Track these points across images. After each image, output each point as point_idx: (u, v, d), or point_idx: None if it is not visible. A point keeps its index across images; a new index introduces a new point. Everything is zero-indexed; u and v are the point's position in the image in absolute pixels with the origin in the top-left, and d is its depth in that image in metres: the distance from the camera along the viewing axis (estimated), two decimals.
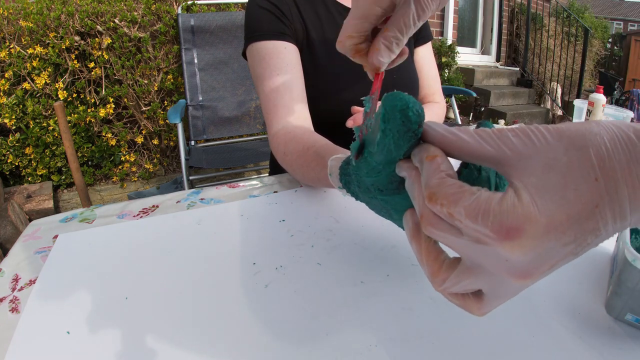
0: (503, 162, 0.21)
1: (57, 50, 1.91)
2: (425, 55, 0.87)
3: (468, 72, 4.12)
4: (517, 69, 4.65)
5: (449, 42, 3.80)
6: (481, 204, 0.20)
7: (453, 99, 2.14)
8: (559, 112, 4.22)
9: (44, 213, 1.80)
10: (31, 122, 1.94)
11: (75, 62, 1.97)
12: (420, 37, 0.85)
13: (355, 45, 0.32)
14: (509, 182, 0.21)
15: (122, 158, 2.21)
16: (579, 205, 0.18)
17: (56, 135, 1.97)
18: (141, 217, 0.54)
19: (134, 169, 2.25)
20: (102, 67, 2.03)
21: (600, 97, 1.15)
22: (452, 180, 0.22)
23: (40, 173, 2.04)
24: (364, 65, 0.32)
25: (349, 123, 0.65)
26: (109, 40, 1.97)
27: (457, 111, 2.16)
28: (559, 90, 4.36)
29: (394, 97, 0.24)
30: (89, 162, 2.20)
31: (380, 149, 0.25)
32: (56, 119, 1.75)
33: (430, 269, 0.23)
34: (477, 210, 0.20)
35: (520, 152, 0.20)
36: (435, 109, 0.84)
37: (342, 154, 0.43)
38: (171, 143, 2.34)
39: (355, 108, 0.67)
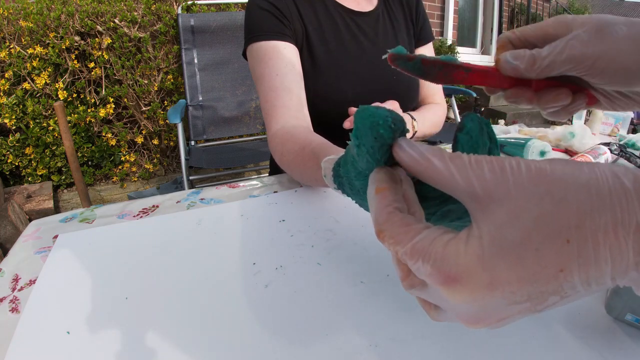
0: (473, 199, 0.18)
1: (57, 50, 1.91)
2: None
3: None
4: None
5: (449, 42, 3.80)
6: (425, 246, 0.18)
7: (453, 99, 2.14)
8: None
9: (44, 213, 1.80)
10: (31, 122, 1.94)
11: (75, 62, 1.97)
12: (421, 38, 0.85)
13: (507, 40, 0.30)
14: (472, 220, 0.19)
15: (122, 158, 2.21)
16: (536, 267, 0.16)
17: (56, 135, 1.97)
18: (141, 217, 0.54)
19: (134, 169, 2.25)
20: (102, 67, 2.03)
21: None
22: (399, 217, 0.20)
23: (40, 173, 2.04)
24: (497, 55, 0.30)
25: (346, 124, 0.65)
26: (109, 40, 1.97)
27: (457, 111, 2.16)
28: None
29: (364, 112, 0.23)
30: (89, 162, 2.20)
31: (360, 159, 0.25)
32: (56, 119, 1.75)
33: (400, 273, 0.22)
34: (420, 252, 0.18)
35: (491, 193, 0.18)
36: (435, 109, 0.84)
37: (336, 154, 0.43)
38: (171, 143, 2.33)
39: (353, 109, 0.67)
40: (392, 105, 0.64)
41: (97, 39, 1.99)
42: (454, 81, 0.28)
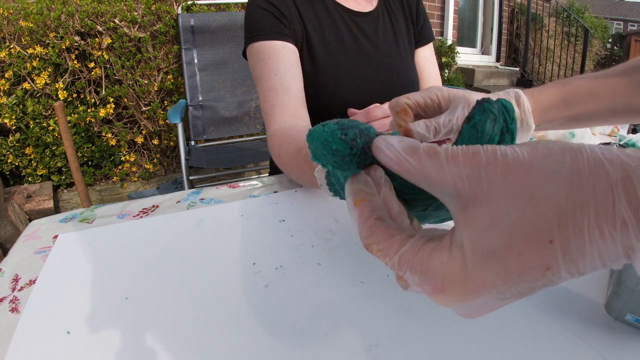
0: (451, 198, 0.18)
1: (57, 50, 1.91)
2: (426, 56, 0.87)
3: (468, 72, 4.12)
4: (517, 69, 4.65)
5: (449, 42, 3.80)
6: (410, 257, 0.18)
7: None
8: None
9: (44, 213, 1.79)
10: (31, 122, 1.94)
11: (75, 62, 1.97)
12: (421, 38, 0.85)
13: (406, 105, 0.38)
14: (454, 222, 0.18)
15: (122, 158, 2.21)
16: (521, 270, 0.16)
17: (56, 135, 1.97)
18: (141, 217, 0.54)
19: (134, 169, 2.25)
20: (102, 67, 2.03)
21: None
22: (382, 228, 0.20)
23: (40, 173, 2.04)
24: (394, 120, 0.38)
25: None
26: (109, 40, 1.97)
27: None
28: None
29: (312, 135, 0.22)
30: (89, 162, 2.20)
31: (334, 173, 0.25)
32: (56, 119, 1.75)
33: (396, 274, 0.22)
34: (407, 263, 0.18)
35: (468, 194, 0.17)
36: None
37: None
38: (171, 143, 2.33)
39: (352, 110, 0.67)
40: None
41: (97, 39, 1.99)
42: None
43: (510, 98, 0.44)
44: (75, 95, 2.04)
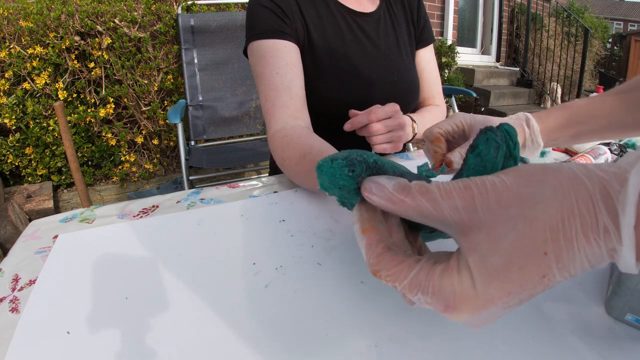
0: (451, 228, 0.20)
1: (57, 50, 1.91)
2: (426, 58, 0.87)
3: (468, 72, 4.12)
4: (517, 69, 4.65)
5: (449, 42, 3.80)
6: (420, 280, 0.20)
7: (453, 99, 2.13)
8: None
9: (44, 213, 1.79)
10: (31, 122, 1.94)
11: (75, 62, 1.97)
12: (422, 40, 0.85)
13: (439, 134, 0.46)
14: (459, 246, 0.20)
15: (122, 158, 2.21)
16: (522, 281, 0.18)
17: (56, 135, 1.97)
18: (141, 217, 0.54)
19: (134, 169, 2.25)
20: (102, 67, 2.03)
21: None
22: (389, 255, 0.21)
23: (40, 173, 2.04)
24: (430, 147, 0.46)
25: (347, 127, 0.65)
26: (109, 40, 1.97)
27: (457, 111, 2.16)
28: (559, 91, 4.36)
29: (321, 170, 0.23)
30: (89, 162, 2.20)
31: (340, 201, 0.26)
32: (56, 119, 1.75)
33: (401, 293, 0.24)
34: (418, 286, 0.20)
35: (466, 221, 0.19)
36: (434, 112, 0.84)
37: None
38: (171, 143, 2.33)
39: (353, 111, 0.66)
40: (392, 107, 0.64)
41: (97, 39, 1.99)
42: None
43: (521, 121, 0.50)
44: (75, 95, 2.04)
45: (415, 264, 0.20)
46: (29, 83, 1.91)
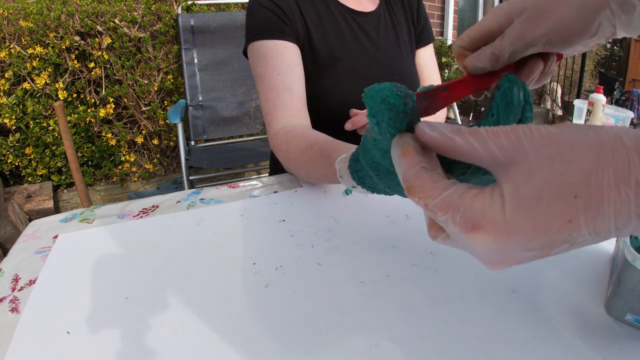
0: (495, 164, 0.21)
1: (57, 50, 1.91)
2: (426, 57, 0.87)
3: None
4: None
5: (449, 42, 3.80)
6: (454, 199, 0.21)
7: None
8: (559, 112, 4.21)
9: (44, 213, 1.79)
10: (31, 122, 1.94)
11: (75, 62, 1.97)
12: (421, 39, 0.85)
13: (461, 48, 0.33)
14: (497, 179, 0.21)
15: (122, 158, 2.21)
16: (548, 219, 0.18)
17: (56, 135, 1.97)
18: (141, 217, 0.54)
19: (134, 169, 2.25)
20: (102, 67, 2.03)
21: (600, 97, 1.15)
22: (428, 174, 0.22)
23: (40, 173, 2.04)
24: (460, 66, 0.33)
25: (347, 126, 0.65)
26: (109, 40, 1.97)
27: (457, 111, 2.16)
28: (559, 90, 4.36)
29: (371, 91, 0.25)
30: (89, 162, 2.20)
31: (383, 136, 0.27)
32: (56, 119, 1.75)
33: (428, 221, 0.25)
34: (450, 204, 0.21)
35: (510, 157, 0.20)
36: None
37: (346, 152, 0.43)
38: (171, 143, 2.33)
39: (354, 111, 0.66)
40: None
41: (97, 39, 1.98)
42: (439, 105, 0.29)
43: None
44: (75, 95, 2.04)
45: (451, 186, 0.21)
46: (29, 83, 1.91)
